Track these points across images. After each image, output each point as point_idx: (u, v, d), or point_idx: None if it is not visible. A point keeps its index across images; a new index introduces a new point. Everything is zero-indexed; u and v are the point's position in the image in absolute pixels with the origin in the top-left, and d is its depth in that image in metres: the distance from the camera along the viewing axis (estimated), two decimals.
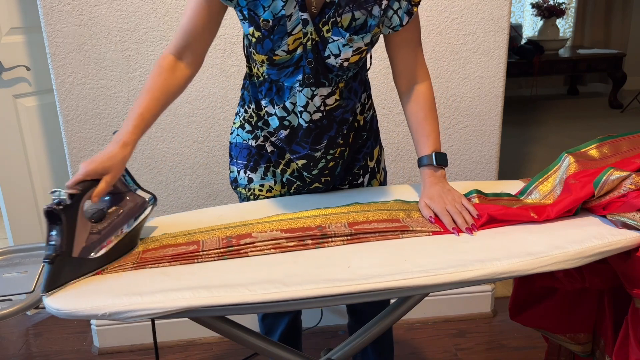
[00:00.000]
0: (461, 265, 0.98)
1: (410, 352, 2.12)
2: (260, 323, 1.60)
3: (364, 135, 1.37)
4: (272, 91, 1.25)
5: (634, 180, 1.09)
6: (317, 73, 1.19)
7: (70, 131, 1.93)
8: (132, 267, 1.04)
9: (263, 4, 1.11)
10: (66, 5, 1.80)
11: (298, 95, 1.22)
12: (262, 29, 1.13)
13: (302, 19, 1.12)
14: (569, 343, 1.43)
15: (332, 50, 1.16)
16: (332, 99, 1.24)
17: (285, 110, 1.25)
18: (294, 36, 1.14)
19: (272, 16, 1.12)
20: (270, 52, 1.16)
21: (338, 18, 1.13)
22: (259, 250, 1.08)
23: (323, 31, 1.14)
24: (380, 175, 1.44)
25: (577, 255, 1.00)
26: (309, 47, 1.16)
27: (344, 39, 1.14)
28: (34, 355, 2.19)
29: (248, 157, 1.36)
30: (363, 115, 1.35)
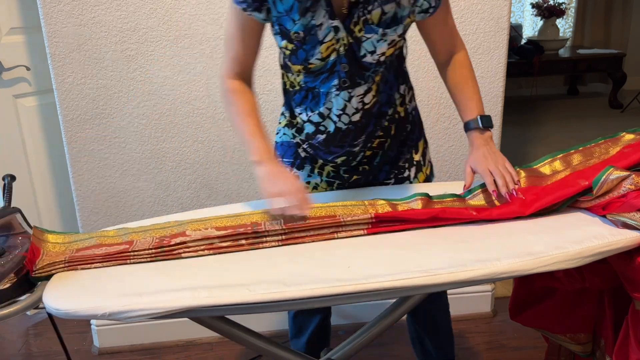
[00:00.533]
0: (461, 265, 0.98)
1: (411, 352, 2.11)
2: (290, 321, 1.60)
3: (407, 127, 1.37)
4: (307, 99, 1.27)
5: (634, 181, 1.09)
6: (353, 75, 1.20)
7: (70, 131, 1.93)
8: (63, 267, 1.04)
9: (293, 17, 1.13)
10: (66, 5, 1.80)
11: (335, 99, 1.23)
12: (294, 42, 1.16)
13: (333, 26, 1.14)
14: (569, 343, 1.43)
15: (367, 48, 1.17)
16: (369, 96, 1.25)
17: (321, 116, 1.27)
18: (326, 44, 1.16)
19: (303, 28, 1.14)
20: (305, 61, 1.18)
21: (368, 15, 1.14)
22: (192, 251, 1.08)
23: (355, 31, 1.16)
24: (426, 168, 1.44)
25: (577, 255, 1.00)
26: (342, 52, 1.17)
27: (377, 34, 1.16)
28: (34, 355, 2.19)
29: (294, 155, 1.38)
30: (404, 107, 1.35)
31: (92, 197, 2.02)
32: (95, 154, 1.97)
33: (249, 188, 2.07)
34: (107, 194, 2.02)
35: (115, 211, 2.05)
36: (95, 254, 1.06)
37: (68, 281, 1.01)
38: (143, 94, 1.92)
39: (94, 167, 1.98)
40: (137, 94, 1.92)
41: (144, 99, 1.93)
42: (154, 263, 1.06)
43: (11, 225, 1.13)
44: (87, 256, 1.06)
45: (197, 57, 1.90)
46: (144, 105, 1.93)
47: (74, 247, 1.10)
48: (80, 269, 1.05)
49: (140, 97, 1.92)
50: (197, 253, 1.08)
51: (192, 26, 1.87)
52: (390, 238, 1.11)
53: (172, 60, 1.90)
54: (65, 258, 1.05)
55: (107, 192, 2.02)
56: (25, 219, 1.16)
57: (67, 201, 2.45)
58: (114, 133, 1.95)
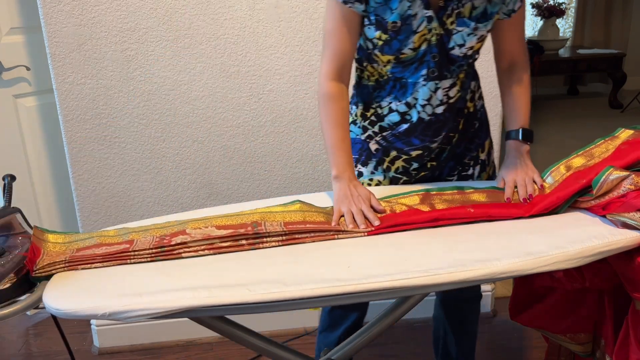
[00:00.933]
0: (461, 265, 0.98)
1: (411, 352, 2.12)
2: (325, 315, 1.59)
3: (475, 123, 1.40)
4: (395, 88, 1.30)
5: (634, 181, 1.09)
6: (441, 66, 1.24)
7: (70, 131, 1.93)
8: (63, 267, 1.04)
9: (391, 6, 1.17)
10: (66, 5, 1.80)
11: (421, 89, 1.27)
12: (389, 32, 1.19)
13: (427, 16, 1.18)
14: (569, 343, 1.43)
15: (457, 41, 1.22)
16: (454, 91, 1.29)
17: (407, 106, 1.30)
18: (419, 34, 1.20)
19: (399, 17, 1.18)
20: (398, 51, 1.22)
21: (461, 8, 1.19)
22: (192, 251, 1.08)
23: (447, 24, 1.20)
24: (490, 168, 1.47)
25: (577, 255, 1.00)
26: (434, 42, 1.21)
27: (469, 28, 1.21)
28: (34, 355, 2.19)
29: (360, 151, 1.41)
30: (473, 103, 1.38)
31: (92, 197, 2.02)
32: (95, 154, 1.97)
33: (249, 188, 2.08)
34: (107, 194, 2.02)
35: (115, 211, 2.05)
36: (95, 254, 1.06)
37: (68, 281, 1.01)
38: (143, 94, 1.92)
39: (94, 167, 1.98)
40: (137, 94, 1.92)
41: (144, 99, 1.93)
42: (154, 263, 1.06)
43: (11, 225, 1.13)
44: (88, 256, 1.06)
45: (197, 57, 1.90)
46: (144, 105, 1.93)
47: (74, 247, 1.10)
48: (80, 269, 1.05)
49: (140, 97, 1.92)
50: (197, 253, 1.08)
51: (192, 26, 1.87)
52: (390, 238, 1.11)
53: (172, 60, 1.90)
54: (66, 258, 1.05)
55: (107, 192, 2.02)
56: (25, 219, 1.16)
57: (67, 201, 2.45)
58: (114, 133, 1.95)
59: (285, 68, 1.95)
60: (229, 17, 1.87)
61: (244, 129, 2.00)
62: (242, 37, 1.90)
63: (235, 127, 2.00)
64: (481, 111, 1.42)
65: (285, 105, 1.99)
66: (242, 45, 1.91)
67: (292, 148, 2.04)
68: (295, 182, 2.09)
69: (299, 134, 2.02)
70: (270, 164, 2.05)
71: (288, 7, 1.88)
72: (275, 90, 1.97)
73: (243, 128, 2.00)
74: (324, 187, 2.09)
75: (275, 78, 1.95)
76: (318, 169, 2.08)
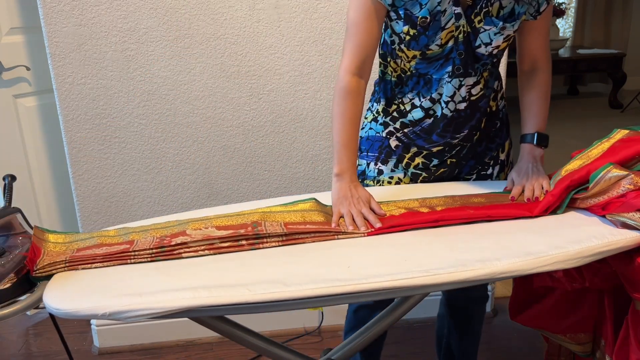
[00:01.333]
0: (461, 264, 0.98)
1: (411, 352, 2.12)
2: (351, 315, 1.58)
3: (496, 123, 1.41)
4: (419, 84, 1.30)
5: (633, 181, 1.09)
6: (466, 64, 1.25)
7: (70, 131, 1.93)
8: (64, 267, 1.04)
9: (421, 1, 1.18)
10: (66, 5, 1.80)
11: (446, 85, 1.27)
12: (418, 27, 1.20)
13: (455, 12, 1.19)
14: (569, 343, 1.43)
15: (483, 40, 1.23)
16: (477, 89, 1.29)
17: (432, 101, 1.31)
18: (447, 30, 1.20)
19: (428, 13, 1.18)
20: (425, 47, 1.23)
21: (490, 7, 1.20)
22: (192, 251, 1.08)
23: (475, 22, 1.21)
24: (508, 169, 1.47)
25: (576, 255, 1.00)
26: (461, 39, 1.22)
27: (496, 27, 1.21)
28: (34, 355, 2.19)
29: (380, 149, 1.40)
30: (495, 102, 1.39)
31: (92, 197, 2.02)
32: (95, 154, 1.97)
33: (249, 188, 2.08)
34: (107, 194, 2.02)
35: (115, 211, 2.05)
36: (95, 254, 1.06)
37: (68, 281, 1.01)
38: (143, 94, 1.92)
39: (94, 167, 1.98)
40: (137, 94, 1.92)
41: (144, 99, 1.93)
42: (154, 263, 1.06)
43: (11, 225, 1.13)
44: (88, 256, 1.06)
45: (197, 57, 1.90)
46: (144, 105, 1.93)
47: (75, 247, 1.10)
48: (80, 269, 1.05)
49: (140, 97, 1.92)
50: (197, 253, 1.08)
51: (192, 26, 1.87)
52: (390, 238, 1.11)
53: (172, 60, 1.90)
54: (66, 258, 1.05)
55: (107, 192, 2.02)
56: (25, 219, 1.16)
57: (67, 201, 2.45)
58: (114, 133, 1.95)
59: (285, 68, 1.95)
60: (229, 17, 1.87)
61: (244, 129, 2.00)
62: (242, 37, 1.90)
63: (235, 127, 2.00)
64: (503, 111, 1.42)
65: (285, 105, 1.99)
66: (242, 45, 1.91)
67: (292, 148, 2.04)
68: (295, 182, 2.09)
69: (299, 134, 2.02)
70: (270, 164, 2.05)
71: (288, 7, 1.88)
72: (275, 90, 1.97)
73: (243, 128, 2.00)
74: (324, 187, 2.09)
75: (275, 78, 1.95)
76: (318, 169, 2.08)
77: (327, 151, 2.05)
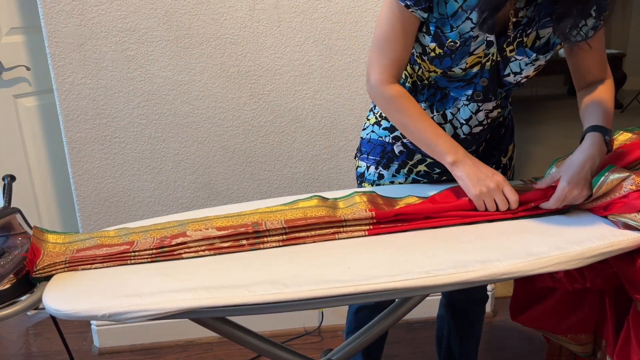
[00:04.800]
0: (462, 265, 0.98)
1: (411, 352, 2.12)
2: (351, 316, 1.57)
3: (501, 130, 1.37)
4: (435, 97, 1.26)
5: (635, 181, 1.09)
6: (488, 91, 1.20)
7: (70, 131, 1.93)
8: (64, 268, 1.04)
9: (452, 23, 1.12)
10: (66, 5, 1.80)
11: (463, 108, 1.24)
12: (445, 48, 1.14)
13: (488, 40, 1.13)
14: (570, 343, 1.43)
15: (513, 69, 1.17)
16: (496, 112, 1.25)
17: (444, 118, 1.26)
18: (474, 56, 1.15)
19: (459, 36, 1.12)
20: (447, 68, 1.17)
21: (525, 38, 1.13)
22: (192, 251, 1.08)
23: (506, 51, 1.15)
24: (510, 172, 1.44)
25: (578, 255, 1.00)
26: (487, 68, 1.16)
27: (528, 58, 1.15)
28: (34, 355, 2.19)
29: (382, 153, 1.37)
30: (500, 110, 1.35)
31: (92, 197, 2.01)
32: (95, 154, 1.96)
33: (249, 188, 2.07)
34: (107, 194, 2.02)
35: (115, 211, 2.04)
36: (95, 255, 1.06)
37: (68, 282, 1.01)
38: (143, 94, 1.92)
39: (94, 167, 1.98)
40: (137, 94, 1.92)
41: (144, 99, 1.93)
42: (154, 263, 1.06)
43: (11, 226, 1.13)
44: (88, 256, 1.06)
45: (197, 57, 1.90)
46: (144, 105, 1.93)
47: (75, 248, 1.10)
48: (80, 270, 1.05)
49: (140, 97, 1.92)
50: (197, 253, 1.08)
51: (192, 26, 1.87)
52: (390, 238, 1.11)
53: (172, 60, 1.90)
54: (66, 258, 1.05)
55: (107, 192, 2.02)
56: (25, 219, 1.15)
57: (67, 201, 2.45)
58: (114, 133, 1.95)
59: (285, 68, 1.94)
60: (229, 17, 1.87)
61: (244, 129, 2.00)
62: (242, 37, 1.90)
63: (235, 127, 2.00)
64: (508, 117, 1.39)
65: (285, 105, 1.99)
66: (242, 45, 1.91)
67: (292, 148, 2.04)
68: (295, 182, 2.08)
69: (299, 134, 2.02)
70: (270, 164, 2.05)
71: (288, 7, 1.88)
72: (275, 90, 1.97)
73: (243, 128, 2.00)
74: (324, 187, 2.09)
75: (275, 78, 1.95)
76: (318, 169, 2.08)
77: (327, 151, 2.05)
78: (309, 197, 1.22)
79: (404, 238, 1.11)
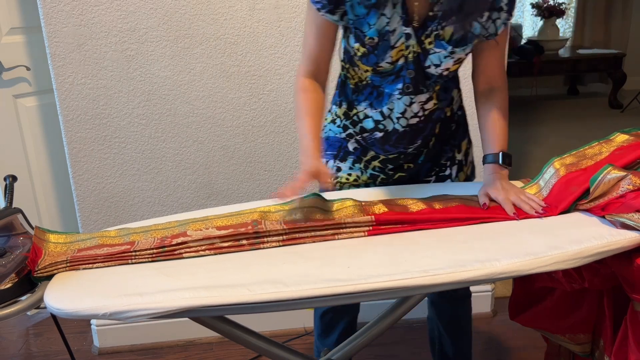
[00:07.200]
0: (460, 265, 0.98)
1: (411, 352, 2.12)
2: (318, 320, 1.60)
3: (452, 126, 1.40)
4: (372, 95, 1.30)
5: (632, 181, 1.09)
6: (417, 82, 1.23)
7: (70, 131, 1.93)
8: (65, 267, 1.04)
9: (369, 21, 1.16)
10: (66, 5, 1.80)
11: (397, 103, 1.27)
12: (367, 46, 1.19)
13: (405, 33, 1.17)
14: (569, 343, 1.43)
15: (433, 61, 1.21)
16: (431, 104, 1.28)
17: (382, 115, 1.30)
18: (397, 49, 1.19)
19: (377, 33, 1.17)
20: (375, 64, 1.22)
21: (441, 31, 1.17)
22: (193, 251, 1.08)
23: (425, 43, 1.19)
24: (467, 168, 1.46)
25: (576, 255, 1.00)
26: (411, 59, 1.20)
27: (446, 51, 1.19)
28: (34, 355, 2.19)
29: (338, 149, 1.41)
30: (450, 107, 1.37)
31: (92, 197, 2.02)
32: (95, 154, 1.97)
33: (249, 188, 2.08)
34: (107, 194, 2.02)
35: (115, 211, 2.05)
36: (96, 254, 1.06)
37: (69, 281, 1.01)
38: (143, 94, 1.92)
39: (94, 167, 1.98)
40: (137, 94, 1.92)
41: (144, 99, 1.93)
42: (155, 263, 1.07)
43: (13, 226, 1.13)
44: (89, 256, 1.06)
45: (197, 57, 1.90)
46: (144, 105, 1.94)
47: (76, 247, 1.10)
48: (81, 269, 1.05)
49: (140, 97, 1.93)
50: (198, 253, 1.08)
51: (192, 26, 1.87)
52: (389, 238, 1.12)
53: (172, 61, 1.90)
54: (67, 258, 1.06)
55: (107, 192, 2.02)
56: (26, 220, 1.16)
57: (67, 201, 2.45)
58: (114, 133, 1.95)
59: (285, 68, 1.95)
60: (229, 17, 1.88)
61: (244, 129, 2.01)
62: (242, 37, 1.90)
63: (235, 127, 2.00)
64: (458, 113, 1.41)
65: (285, 105, 1.99)
66: (242, 45, 1.91)
67: (292, 148, 2.04)
68: None
69: None
70: (270, 164, 2.06)
71: (288, 7, 1.88)
72: (275, 90, 1.97)
73: (243, 128, 2.00)
74: None
75: (275, 78, 1.96)
76: None
77: None
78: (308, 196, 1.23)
79: (403, 238, 1.11)
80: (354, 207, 1.17)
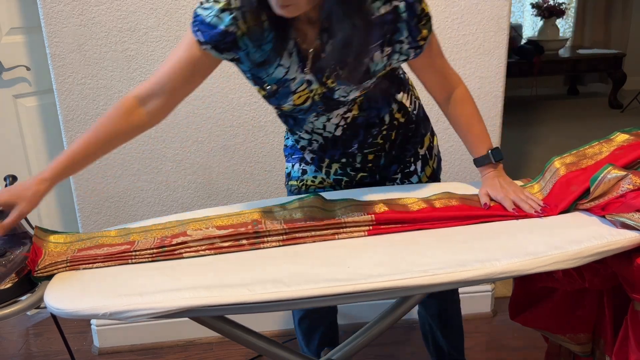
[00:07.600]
0: (460, 265, 0.98)
1: (411, 352, 2.12)
2: (297, 327, 1.62)
3: (411, 127, 1.37)
4: (289, 122, 1.31)
5: (632, 181, 1.09)
6: (330, 108, 1.22)
7: (70, 131, 1.93)
8: (65, 267, 1.04)
9: (267, 71, 1.14)
10: (66, 5, 1.80)
11: (315, 122, 1.26)
12: (267, 90, 1.17)
13: (306, 80, 1.15)
14: (569, 343, 1.43)
15: (341, 94, 1.18)
16: (350, 115, 1.26)
17: (308, 133, 1.30)
18: (299, 93, 1.16)
19: (276, 81, 1.15)
20: (278, 106, 1.21)
21: (340, 71, 1.11)
22: (193, 251, 1.08)
23: (328, 83, 1.16)
24: (433, 162, 1.44)
25: (576, 255, 1.00)
26: (318, 99, 1.18)
27: (349, 87, 1.16)
28: (34, 355, 2.19)
29: (301, 156, 1.41)
30: (402, 112, 1.34)
31: (92, 197, 2.02)
32: None
33: (249, 188, 2.08)
34: (107, 194, 2.02)
35: (115, 211, 2.05)
36: (97, 254, 1.07)
37: (69, 281, 1.01)
38: None
39: (94, 167, 1.98)
40: None
41: None
42: (155, 263, 1.07)
43: None
44: (89, 256, 1.06)
45: None
46: None
47: (76, 247, 1.10)
48: (82, 269, 1.05)
49: None
50: (198, 253, 1.08)
51: None
52: (390, 238, 1.12)
53: None
54: (67, 258, 1.06)
55: (107, 192, 2.02)
56: (26, 219, 1.16)
57: (67, 201, 2.45)
58: None
59: None
60: None
61: (244, 129, 2.00)
62: None
63: (235, 127, 2.00)
64: (414, 113, 1.37)
65: None
66: None
67: None
68: None
69: None
70: (270, 164, 2.06)
71: None
72: None
73: (243, 128, 2.00)
74: None
75: None
76: None
77: None
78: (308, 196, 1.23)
79: (403, 238, 1.11)
80: (354, 206, 1.17)
